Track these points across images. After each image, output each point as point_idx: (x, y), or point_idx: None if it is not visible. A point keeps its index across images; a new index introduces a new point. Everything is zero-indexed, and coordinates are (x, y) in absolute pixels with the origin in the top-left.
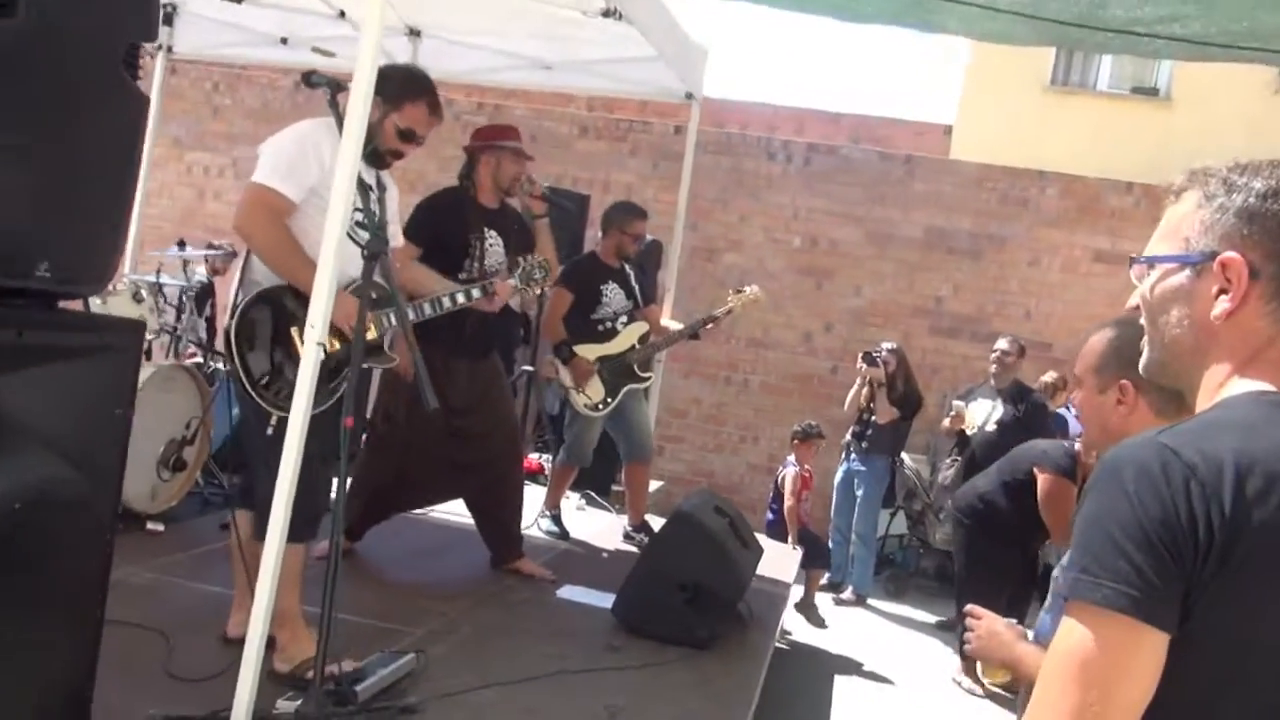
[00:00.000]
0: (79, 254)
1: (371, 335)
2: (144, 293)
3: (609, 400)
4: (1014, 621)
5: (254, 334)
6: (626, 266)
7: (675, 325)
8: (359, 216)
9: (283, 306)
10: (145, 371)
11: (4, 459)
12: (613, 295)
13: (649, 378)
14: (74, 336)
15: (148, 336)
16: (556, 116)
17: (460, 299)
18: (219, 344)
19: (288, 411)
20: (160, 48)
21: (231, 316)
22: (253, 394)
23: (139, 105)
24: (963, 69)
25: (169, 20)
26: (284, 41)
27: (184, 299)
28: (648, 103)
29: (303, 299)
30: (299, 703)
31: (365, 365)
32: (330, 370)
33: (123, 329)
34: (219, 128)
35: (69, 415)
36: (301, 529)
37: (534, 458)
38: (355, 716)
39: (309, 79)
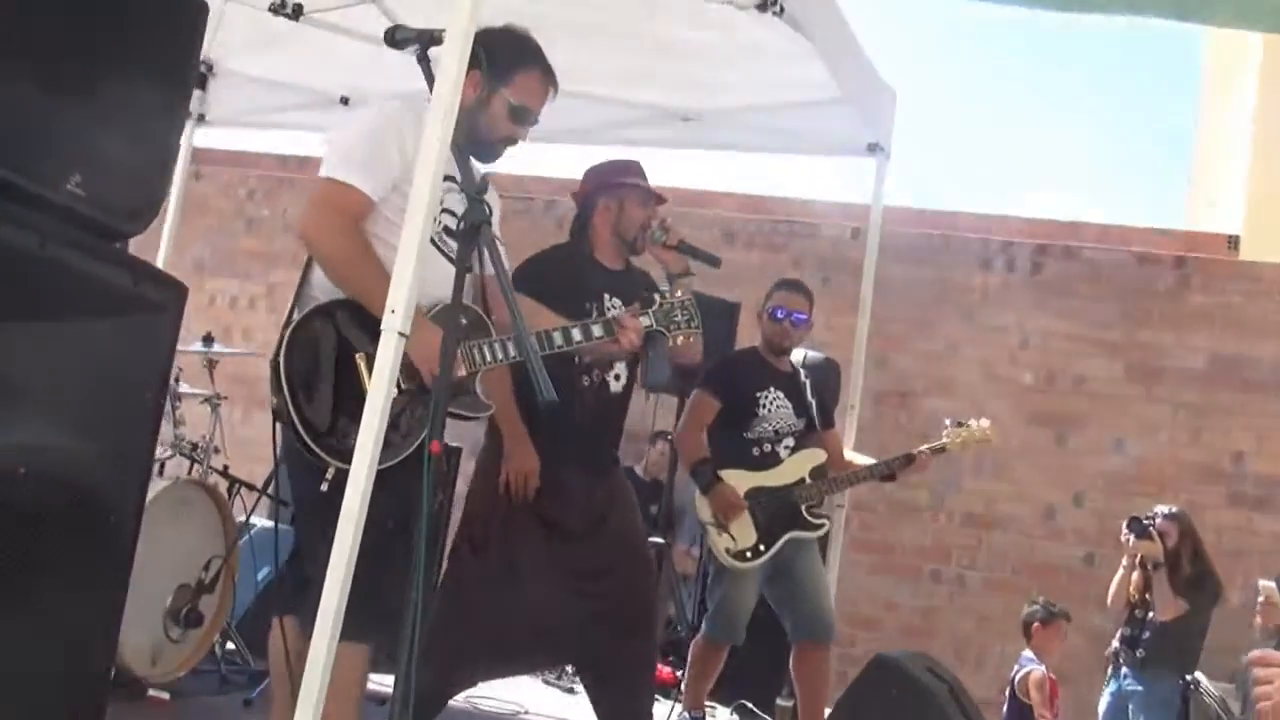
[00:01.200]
0: (117, 176)
1: (460, 373)
2: None
3: (761, 549)
4: None
5: (308, 362)
6: (801, 371)
7: (863, 459)
8: (447, 220)
9: (346, 327)
10: (153, 488)
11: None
12: (774, 408)
13: (823, 525)
14: (104, 270)
15: (159, 453)
16: (695, 220)
17: (576, 336)
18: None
19: (349, 463)
20: (191, 116)
21: (281, 340)
22: (306, 439)
23: (198, 11)
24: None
25: (202, 83)
26: (345, 102)
27: (214, 410)
28: (812, 208)
29: (370, 321)
30: None
31: (450, 410)
32: (405, 416)
33: (162, 282)
34: (253, 246)
35: (89, 382)
36: (362, 624)
37: (661, 667)
38: None
39: (393, 37)
